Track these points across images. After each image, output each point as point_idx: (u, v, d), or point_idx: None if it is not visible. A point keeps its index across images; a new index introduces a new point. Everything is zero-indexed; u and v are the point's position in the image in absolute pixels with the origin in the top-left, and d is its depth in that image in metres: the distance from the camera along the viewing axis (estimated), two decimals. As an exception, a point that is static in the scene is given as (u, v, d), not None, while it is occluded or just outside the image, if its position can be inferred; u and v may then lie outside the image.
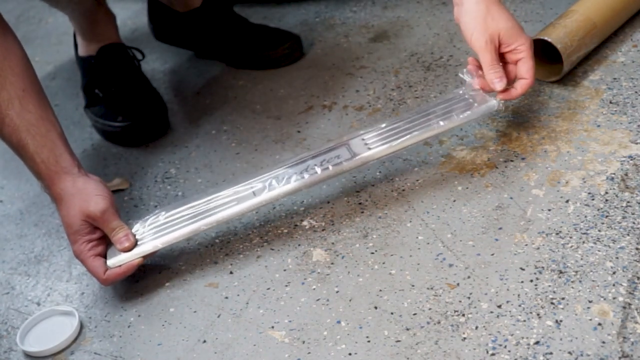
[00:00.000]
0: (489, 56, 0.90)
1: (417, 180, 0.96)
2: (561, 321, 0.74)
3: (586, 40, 1.06)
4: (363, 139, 0.92)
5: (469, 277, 0.81)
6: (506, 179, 0.93)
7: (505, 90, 0.92)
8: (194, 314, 0.86)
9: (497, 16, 0.90)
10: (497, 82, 0.91)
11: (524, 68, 0.91)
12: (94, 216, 0.86)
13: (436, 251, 0.86)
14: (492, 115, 1.02)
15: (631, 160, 0.91)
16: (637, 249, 0.80)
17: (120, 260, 0.87)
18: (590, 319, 0.74)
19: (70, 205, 0.87)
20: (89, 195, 0.87)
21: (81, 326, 0.87)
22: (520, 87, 0.92)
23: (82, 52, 1.27)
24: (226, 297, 0.87)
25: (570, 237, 0.83)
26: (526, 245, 0.84)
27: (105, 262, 0.87)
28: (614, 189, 0.88)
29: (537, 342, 0.73)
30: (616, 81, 1.05)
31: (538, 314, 0.76)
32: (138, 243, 0.88)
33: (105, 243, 0.89)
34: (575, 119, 1.00)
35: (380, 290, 0.83)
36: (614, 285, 0.77)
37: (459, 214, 0.90)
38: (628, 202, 0.86)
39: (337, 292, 0.84)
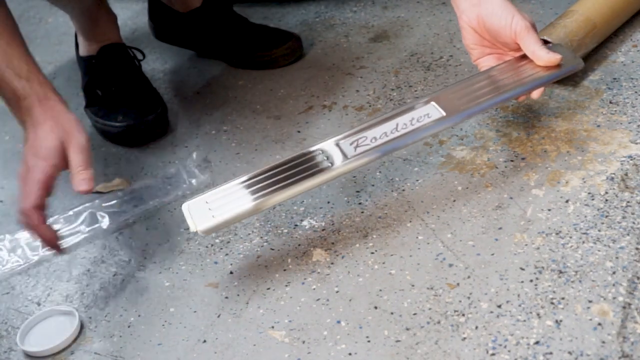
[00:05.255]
0: (536, 35, 0.87)
1: (417, 180, 0.96)
2: (561, 321, 0.74)
3: (586, 40, 1.06)
4: (450, 97, 0.87)
5: (469, 277, 0.81)
6: (506, 179, 0.93)
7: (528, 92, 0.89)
8: (194, 314, 0.86)
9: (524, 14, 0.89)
10: (552, 56, 0.86)
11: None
12: (76, 144, 0.84)
13: (436, 251, 0.86)
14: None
15: (631, 160, 0.91)
16: (637, 249, 0.80)
17: (212, 225, 0.82)
18: (590, 319, 0.74)
19: (49, 128, 0.84)
20: (72, 123, 0.85)
21: (81, 326, 0.87)
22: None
23: (82, 51, 1.27)
24: (226, 297, 0.87)
25: (570, 237, 0.83)
26: (526, 245, 0.84)
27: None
28: (614, 189, 0.88)
29: (537, 342, 0.73)
30: (616, 81, 1.05)
31: (538, 314, 0.76)
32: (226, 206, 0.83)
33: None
34: (575, 119, 1.00)
35: (380, 290, 0.83)
36: (614, 285, 0.77)
37: (459, 214, 0.90)
38: (628, 202, 0.86)
39: (337, 292, 0.84)
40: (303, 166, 0.85)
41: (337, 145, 0.86)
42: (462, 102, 0.86)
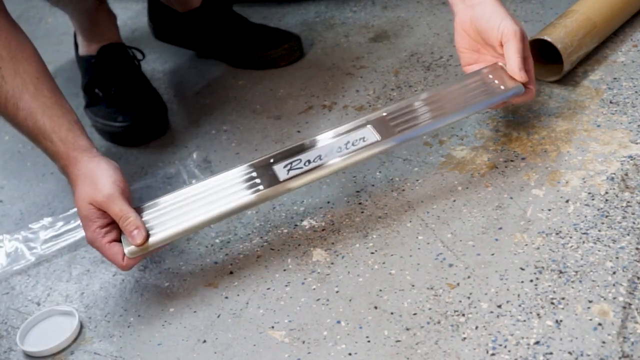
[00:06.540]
0: (521, 44, 0.88)
1: (417, 180, 0.96)
2: (561, 321, 0.74)
3: (586, 40, 1.06)
4: (385, 119, 0.88)
5: (469, 277, 0.81)
6: (506, 179, 0.93)
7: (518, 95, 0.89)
8: (194, 314, 0.86)
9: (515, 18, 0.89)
10: (524, 74, 0.87)
11: (532, 75, 0.90)
12: (99, 201, 0.83)
13: (436, 251, 0.86)
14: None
15: (631, 160, 0.91)
16: (637, 249, 0.80)
17: (139, 251, 0.82)
18: (591, 319, 0.74)
19: (81, 189, 0.84)
20: (97, 178, 0.84)
21: (81, 326, 0.87)
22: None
23: (82, 51, 1.27)
24: (226, 297, 0.87)
25: (570, 237, 0.83)
26: (526, 245, 0.84)
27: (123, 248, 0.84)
28: (614, 189, 0.88)
29: (537, 342, 0.73)
30: (616, 81, 1.05)
31: (538, 314, 0.76)
32: (159, 227, 0.84)
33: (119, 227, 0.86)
34: (575, 119, 1.00)
35: (380, 290, 0.83)
36: (614, 285, 0.77)
37: (459, 214, 0.90)
38: (628, 202, 0.86)
39: (337, 292, 0.84)
40: (234, 189, 0.85)
41: (271, 167, 0.86)
42: (399, 126, 0.87)
